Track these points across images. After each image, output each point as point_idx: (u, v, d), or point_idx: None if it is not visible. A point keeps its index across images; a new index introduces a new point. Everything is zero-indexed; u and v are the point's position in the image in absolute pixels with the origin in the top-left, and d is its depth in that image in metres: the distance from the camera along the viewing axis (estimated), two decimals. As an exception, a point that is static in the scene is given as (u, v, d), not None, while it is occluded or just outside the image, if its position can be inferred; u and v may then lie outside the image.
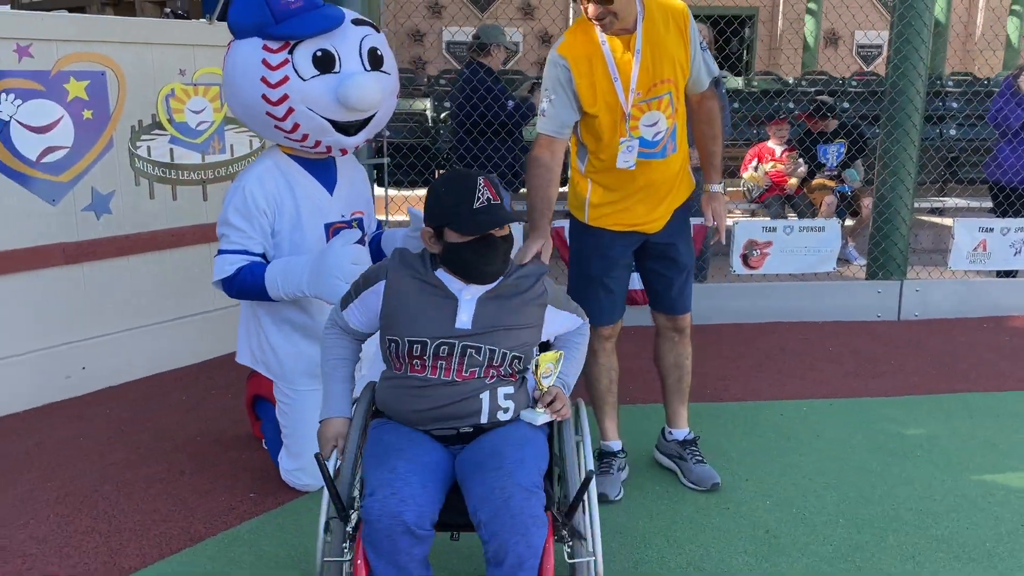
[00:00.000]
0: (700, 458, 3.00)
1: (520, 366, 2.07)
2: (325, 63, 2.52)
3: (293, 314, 2.76)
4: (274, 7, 2.44)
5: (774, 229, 5.00)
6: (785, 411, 3.64)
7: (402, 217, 5.46)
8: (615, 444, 2.96)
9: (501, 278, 2.07)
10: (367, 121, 2.68)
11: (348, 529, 1.89)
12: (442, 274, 2.04)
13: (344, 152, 2.78)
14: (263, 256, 2.67)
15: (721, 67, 3.79)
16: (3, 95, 3.37)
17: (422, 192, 6.98)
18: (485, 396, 2.00)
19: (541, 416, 2.03)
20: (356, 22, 2.63)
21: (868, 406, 3.70)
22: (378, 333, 2.11)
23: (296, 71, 2.49)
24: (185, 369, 4.04)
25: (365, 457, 2.00)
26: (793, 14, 12.90)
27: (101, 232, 3.76)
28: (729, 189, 7.79)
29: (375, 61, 2.62)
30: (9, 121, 3.41)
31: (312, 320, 2.75)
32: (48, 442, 3.29)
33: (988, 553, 2.57)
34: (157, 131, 3.90)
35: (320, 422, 2.11)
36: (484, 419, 2.00)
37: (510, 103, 5.27)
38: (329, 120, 2.58)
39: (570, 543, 1.88)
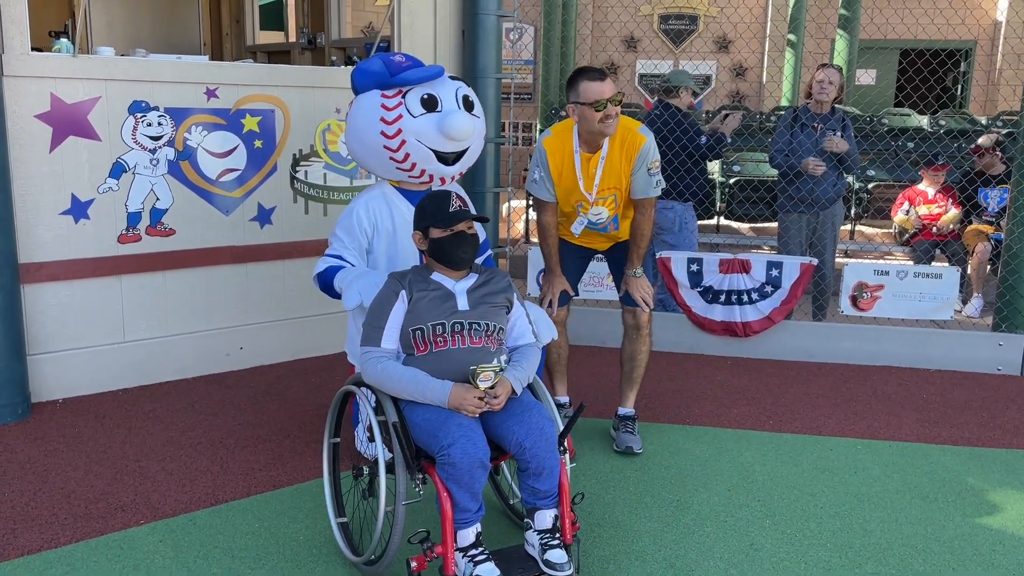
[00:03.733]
0: (628, 430, 3.73)
1: (503, 337, 2.70)
2: (430, 104, 3.18)
3: None
4: (390, 66, 3.18)
5: (886, 273, 5.02)
6: (837, 447, 3.77)
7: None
8: (563, 399, 3.88)
9: (477, 276, 2.71)
10: (462, 154, 3.28)
11: (419, 476, 2.47)
12: (436, 276, 2.68)
13: (443, 181, 3.37)
14: (352, 265, 3.30)
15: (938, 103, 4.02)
16: (193, 127, 4.31)
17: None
18: (493, 360, 2.61)
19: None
20: (452, 77, 3.32)
21: (927, 452, 3.74)
22: None
23: (408, 111, 3.16)
24: (320, 358, 4.81)
25: (418, 424, 2.52)
26: (1015, 49, 12.04)
27: (263, 239, 4.62)
28: (882, 231, 7.63)
29: (468, 105, 3.28)
30: (196, 148, 4.34)
31: None
32: (201, 402, 4.15)
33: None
34: (314, 159, 4.72)
35: (449, 397, 2.49)
36: None
37: (703, 138, 5.30)
38: (433, 150, 3.20)
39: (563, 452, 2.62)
